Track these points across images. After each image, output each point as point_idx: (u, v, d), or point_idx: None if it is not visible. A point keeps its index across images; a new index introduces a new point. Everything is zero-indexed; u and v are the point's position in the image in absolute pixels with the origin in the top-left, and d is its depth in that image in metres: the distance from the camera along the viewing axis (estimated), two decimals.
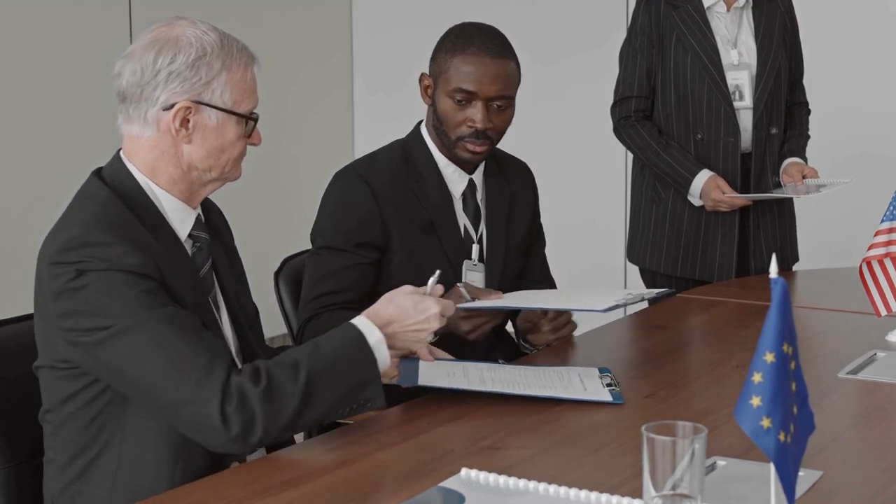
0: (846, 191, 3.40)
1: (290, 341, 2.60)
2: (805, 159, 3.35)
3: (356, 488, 1.67)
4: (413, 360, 2.02)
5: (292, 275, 2.68)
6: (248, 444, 1.74)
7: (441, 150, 2.51)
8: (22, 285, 2.91)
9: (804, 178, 3.24)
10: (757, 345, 1.31)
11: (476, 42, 2.42)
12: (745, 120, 3.30)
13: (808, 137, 3.44)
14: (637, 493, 1.53)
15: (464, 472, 1.66)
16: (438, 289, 1.99)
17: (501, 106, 2.44)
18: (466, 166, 2.52)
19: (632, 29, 3.38)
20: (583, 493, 1.57)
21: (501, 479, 1.62)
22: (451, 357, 2.15)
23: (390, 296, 1.94)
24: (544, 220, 2.76)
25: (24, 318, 2.02)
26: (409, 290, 1.95)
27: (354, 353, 1.83)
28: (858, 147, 4.65)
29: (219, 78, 1.85)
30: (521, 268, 2.64)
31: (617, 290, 2.23)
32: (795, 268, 3.49)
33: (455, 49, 2.43)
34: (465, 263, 2.51)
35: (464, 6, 4.58)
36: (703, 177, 3.24)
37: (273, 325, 2.49)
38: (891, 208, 2.49)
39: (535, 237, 2.70)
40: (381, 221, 2.44)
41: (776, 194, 3.26)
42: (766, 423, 1.29)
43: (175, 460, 1.81)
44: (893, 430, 1.93)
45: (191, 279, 1.88)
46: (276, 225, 5.18)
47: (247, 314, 2.04)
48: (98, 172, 1.90)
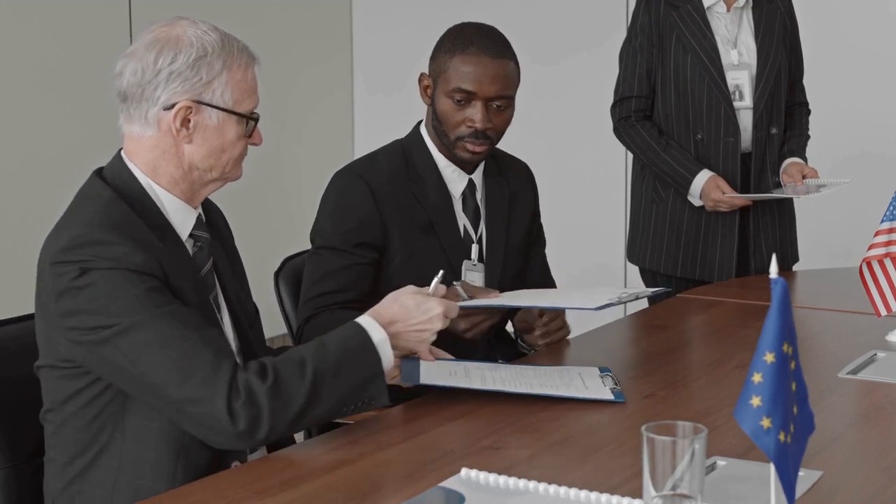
0: (846, 191, 3.40)
1: (290, 341, 2.60)
2: (805, 159, 3.35)
3: (356, 488, 1.67)
4: (414, 359, 2.03)
5: (292, 275, 2.67)
6: (254, 440, 1.74)
7: (441, 151, 2.51)
8: (22, 285, 2.91)
9: (804, 178, 3.24)
10: (757, 345, 1.31)
11: (475, 42, 2.42)
12: (745, 120, 3.30)
13: (808, 137, 3.44)
14: (637, 493, 1.53)
15: (464, 472, 1.66)
16: (441, 289, 2.00)
17: (501, 106, 2.44)
18: (466, 166, 2.52)
19: (632, 29, 3.38)
20: (583, 493, 1.57)
21: (501, 479, 1.62)
22: (451, 357, 2.15)
23: (394, 296, 1.95)
24: (544, 220, 2.76)
25: (24, 318, 2.02)
26: (412, 290, 1.96)
27: (359, 352, 1.84)
28: (858, 147, 4.65)
29: (219, 78, 1.85)
30: (521, 268, 2.64)
31: (613, 288, 2.22)
32: (795, 268, 3.49)
33: (454, 49, 2.43)
34: (465, 263, 2.51)
35: (464, 6, 4.58)
36: (703, 177, 3.24)
37: (273, 325, 2.49)
38: (891, 208, 2.49)
39: (535, 237, 2.70)
40: (381, 221, 2.44)
41: (776, 194, 3.25)
42: (766, 423, 1.29)
43: (176, 459, 1.81)
44: (893, 430, 1.94)
45: (192, 278, 1.88)
46: (276, 225, 5.18)
47: (247, 314, 2.04)
48: (99, 172, 1.90)
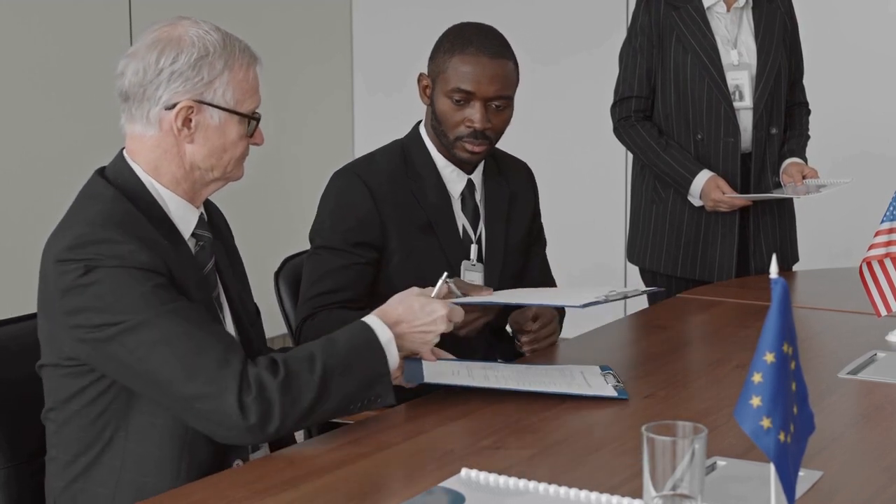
0: (846, 191, 3.40)
1: (289, 341, 2.60)
2: (805, 159, 3.35)
3: (356, 488, 1.67)
4: (416, 359, 2.03)
5: (292, 275, 2.68)
6: (265, 434, 1.75)
7: (440, 151, 2.51)
8: (22, 285, 2.91)
9: (804, 178, 3.24)
10: (757, 345, 1.31)
11: (474, 42, 2.42)
12: (745, 120, 3.30)
13: (808, 137, 3.44)
14: (637, 493, 1.53)
15: (464, 472, 1.66)
16: (444, 290, 2.00)
17: (500, 106, 2.43)
18: (465, 166, 2.52)
19: (632, 29, 3.38)
20: (583, 493, 1.57)
21: (501, 479, 1.62)
22: (453, 357, 2.16)
23: (399, 297, 1.96)
24: (544, 220, 2.75)
25: (24, 318, 2.02)
26: (416, 291, 1.97)
27: (367, 350, 1.85)
28: (858, 147, 4.65)
29: (221, 78, 1.85)
30: (521, 268, 2.64)
31: (605, 287, 2.21)
32: (795, 268, 3.49)
33: (453, 49, 2.43)
34: (464, 263, 2.51)
35: (464, 6, 4.58)
36: (703, 177, 3.24)
37: (273, 325, 2.49)
38: (891, 208, 2.49)
39: (535, 237, 2.70)
40: (380, 221, 2.44)
41: (776, 194, 3.25)
42: (766, 423, 1.29)
43: (180, 456, 1.81)
44: (893, 430, 1.93)
45: (195, 277, 1.88)
46: (276, 225, 5.18)
47: (249, 314, 2.04)
48: (101, 172, 1.90)
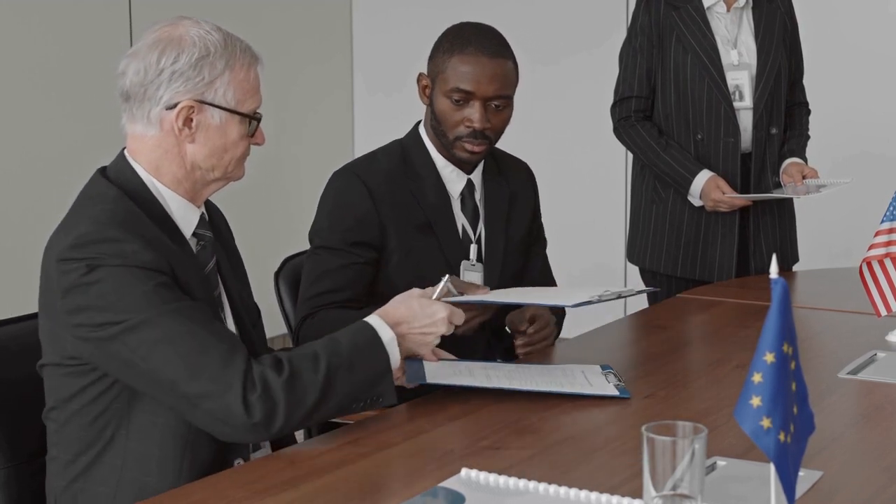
0: (846, 191, 3.40)
1: (289, 341, 2.60)
2: (805, 159, 3.35)
3: (356, 488, 1.67)
4: (417, 360, 2.03)
5: (292, 275, 2.68)
6: (268, 433, 1.75)
7: (439, 151, 2.51)
8: (22, 285, 2.91)
9: (804, 178, 3.24)
10: (757, 345, 1.31)
11: (473, 42, 2.41)
12: (745, 120, 3.30)
13: (808, 137, 3.44)
14: (637, 493, 1.53)
15: (464, 472, 1.66)
16: (444, 291, 2.01)
17: (499, 106, 2.43)
18: (465, 166, 2.52)
19: (632, 29, 3.38)
20: (583, 493, 1.57)
21: (501, 479, 1.62)
22: (454, 357, 2.16)
23: (400, 298, 1.96)
24: (544, 220, 2.75)
25: (24, 318, 2.02)
26: (417, 293, 1.97)
27: (369, 349, 1.86)
28: (858, 147, 4.65)
29: (222, 77, 1.85)
30: (521, 268, 2.64)
31: (599, 287, 2.21)
32: (795, 268, 3.49)
33: (453, 49, 2.42)
34: (464, 263, 2.51)
35: (463, 6, 4.58)
36: (703, 177, 3.24)
37: (273, 325, 2.49)
38: (891, 208, 2.49)
39: (535, 237, 2.70)
40: (378, 221, 2.44)
41: (776, 194, 3.25)
42: (766, 423, 1.29)
43: (182, 456, 1.81)
44: (893, 430, 1.94)
45: (197, 276, 1.88)
46: (276, 225, 5.18)
47: (250, 313, 2.04)
48: (103, 171, 1.90)
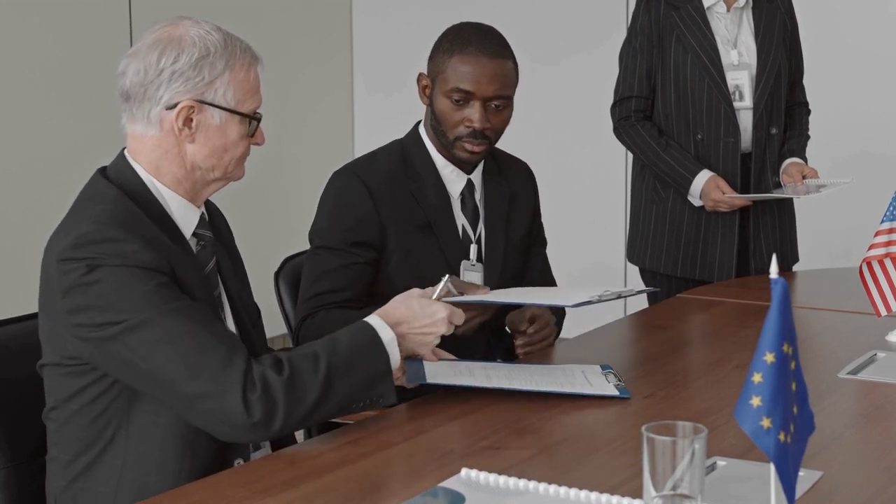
0: (846, 191, 3.40)
1: (289, 341, 2.60)
2: (805, 159, 3.35)
3: (356, 488, 1.67)
4: (418, 360, 2.04)
5: (292, 275, 2.68)
6: (268, 432, 1.75)
7: (439, 151, 2.51)
8: (22, 285, 2.91)
9: (804, 178, 3.24)
10: (757, 345, 1.31)
11: (473, 42, 2.41)
12: (745, 120, 3.30)
13: (808, 137, 3.44)
14: (637, 493, 1.53)
15: (464, 472, 1.66)
16: (444, 291, 2.01)
17: (499, 106, 2.43)
18: (465, 166, 2.52)
19: (632, 29, 3.38)
20: (583, 493, 1.57)
21: (501, 479, 1.62)
22: (454, 357, 2.16)
23: (401, 298, 1.96)
24: (544, 220, 2.75)
25: (24, 318, 2.02)
26: (417, 293, 1.97)
27: (369, 350, 1.86)
28: (858, 147, 4.65)
29: (222, 77, 1.85)
30: (521, 268, 2.63)
31: (598, 287, 2.21)
32: (795, 268, 3.49)
33: (452, 49, 2.42)
34: (464, 263, 2.51)
35: (463, 6, 4.58)
36: (703, 177, 3.24)
37: (273, 325, 2.49)
38: (891, 208, 2.49)
39: (535, 237, 2.70)
40: (378, 221, 2.44)
41: (776, 194, 3.25)
42: (766, 423, 1.29)
43: (182, 456, 1.81)
44: (893, 430, 1.94)
45: (197, 276, 1.88)
46: (276, 225, 5.19)
47: (250, 313, 2.05)
48: (103, 171, 1.90)
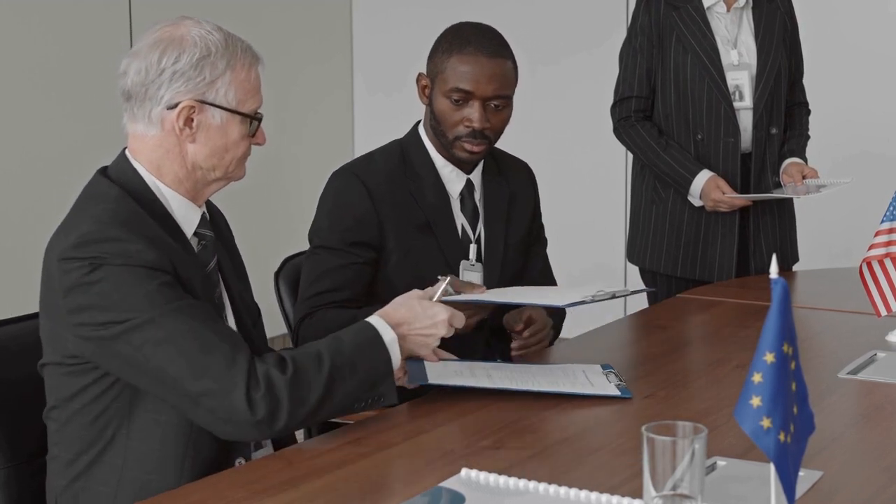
0: (846, 191, 3.40)
1: (290, 341, 2.60)
2: (805, 159, 3.35)
3: (356, 488, 1.67)
4: (419, 360, 2.04)
5: (292, 275, 2.68)
6: (272, 431, 1.76)
7: (439, 151, 2.51)
8: (22, 285, 2.92)
9: (804, 178, 3.24)
10: (757, 345, 1.31)
11: (473, 42, 2.42)
12: (745, 120, 3.30)
13: (808, 137, 3.44)
14: (637, 493, 1.53)
15: (464, 472, 1.66)
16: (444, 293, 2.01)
17: (499, 105, 2.43)
18: (464, 166, 2.52)
19: (632, 29, 3.38)
20: (583, 493, 1.57)
21: (501, 479, 1.62)
22: (455, 357, 2.16)
23: (402, 299, 1.97)
24: (544, 220, 2.75)
25: (24, 318, 2.02)
26: (418, 294, 1.98)
27: (371, 350, 1.86)
28: (858, 147, 4.65)
29: (223, 77, 1.85)
30: (521, 268, 2.63)
31: (592, 287, 2.20)
32: (795, 268, 3.49)
33: (452, 49, 2.43)
34: (463, 263, 2.51)
35: (463, 6, 4.58)
36: (703, 177, 3.24)
37: (273, 325, 2.49)
38: (891, 208, 2.49)
39: (535, 237, 2.70)
40: (377, 221, 2.44)
41: (776, 194, 3.25)
42: (766, 423, 1.29)
43: (183, 455, 1.81)
44: (893, 430, 1.94)
45: (199, 276, 1.88)
46: (276, 225, 5.18)
47: (251, 313, 2.05)
48: (104, 171, 1.90)
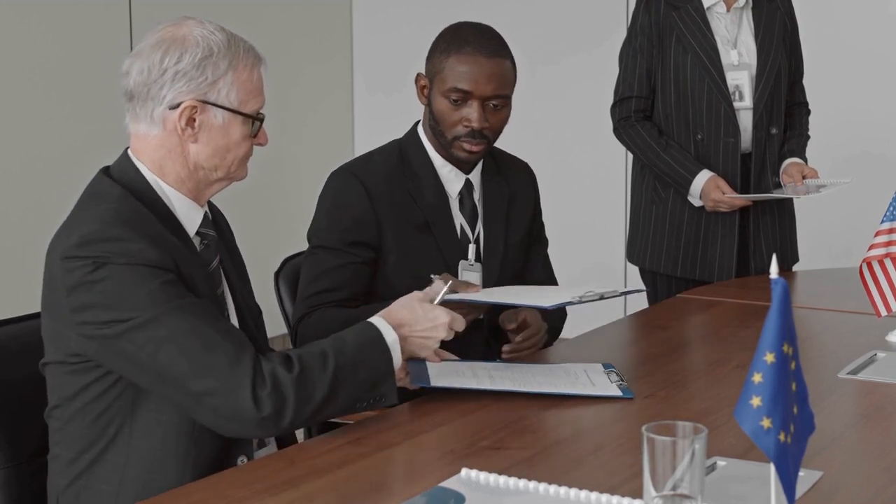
0: (846, 191, 3.40)
1: (289, 341, 2.61)
2: (805, 159, 3.35)
3: (356, 488, 1.67)
4: (421, 361, 2.04)
5: (293, 275, 2.68)
6: (277, 428, 1.76)
7: (438, 150, 2.51)
8: (22, 285, 2.92)
9: (804, 178, 3.24)
10: (757, 345, 1.31)
11: (471, 41, 2.42)
12: (745, 120, 3.30)
13: (807, 137, 3.45)
14: (637, 493, 1.53)
15: (464, 472, 1.66)
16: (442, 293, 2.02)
17: (497, 105, 2.43)
18: (463, 166, 2.52)
19: (632, 29, 3.38)
20: (583, 493, 1.57)
21: (501, 479, 1.62)
22: (456, 357, 2.16)
23: (403, 301, 1.97)
24: (544, 220, 2.75)
25: (24, 318, 2.02)
26: (419, 296, 1.98)
27: (374, 350, 1.87)
28: (858, 147, 4.65)
29: (225, 78, 1.86)
30: (521, 268, 2.64)
31: (580, 287, 2.20)
32: (795, 268, 3.49)
33: (450, 49, 2.43)
34: (462, 263, 2.51)
35: (463, 6, 4.58)
36: (703, 177, 3.24)
37: (273, 325, 2.49)
38: (891, 208, 2.49)
39: (535, 237, 2.70)
40: (376, 221, 2.44)
41: (776, 194, 3.26)
42: (766, 423, 1.29)
43: (186, 453, 1.81)
44: (893, 430, 1.94)
45: (202, 274, 1.88)
46: (276, 225, 5.18)
47: (252, 313, 2.05)
48: (106, 171, 1.90)
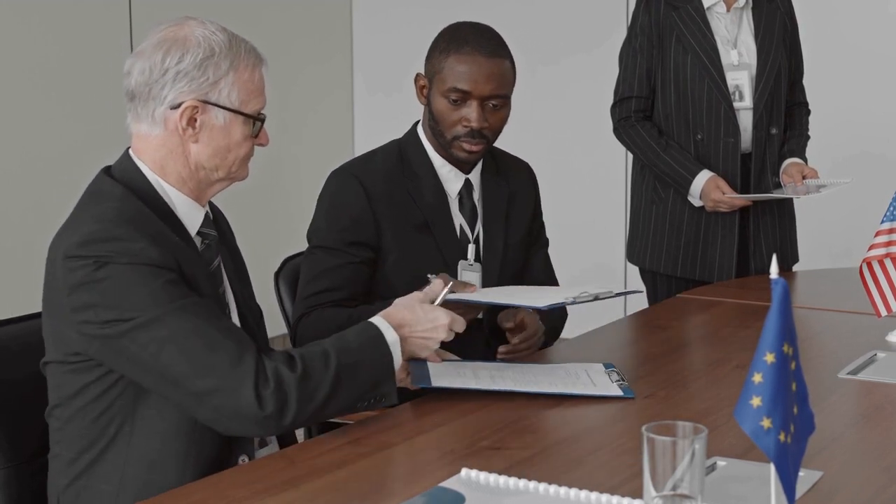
0: (846, 191, 3.40)
1: (289, 341, 2.60)
2: (805, 159, 3.35)
3: (356, 488, 1.67)
4: (421, 361, 2.04)
5: (292, 275, 2.68)
6: (279, 426, 1.77)
7: (437, 150, 2.51)
8: (22, 285, 2.92)
9: (804, 178, 3.24)
10: (757, 345, 1.31)
11: (470, 41, 2.42)
12: (745, 120, 3.30)
13: (807, 138, 3.45)
14: (637, 493, 1.53)
15: (464, 472, 1.66)
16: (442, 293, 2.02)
17: (497, 105, 2.43)
18: (463, 166, 2.52)
19: (632, 29, 3.38)
20: (583, 493, 1.57)
21: (501, 479, 1.62)
22: (457, 357, 2.16)
23: (403, 301, 1.97)
24: (545, 220, 2.75)
25: (24, 318, 2.02)
26: (419, 297, 1.98)
27: (375, 350, 1.88)
28: (858, 147, 4.65)
29: (226, 78, 1.86)
30: (521, 268, 2.64)
31: (577, 288, 2.20)
32: (795, 268, 3.49)
33: (449, 49, 2.43)
34: (461, 263, 2.51)
35: (463, 6, 4.58)
36: (703, 177, 3.24)
37: (273, 325, 2.49)
38: (891, 208, 2.49)
39: (535, 237, 2.70)
40: (374, 221, 2.44)
41: (776, 194, 3.26)
42: (766, 423, 1.29)
43: (186, 453, 1.82)
44: (893, 430, 1.94)
45: (204, 274, 1.88)
46: (276, 225, 5.19)
47: (253, 314, 2.05)
48: (107, 170, 1.90)
